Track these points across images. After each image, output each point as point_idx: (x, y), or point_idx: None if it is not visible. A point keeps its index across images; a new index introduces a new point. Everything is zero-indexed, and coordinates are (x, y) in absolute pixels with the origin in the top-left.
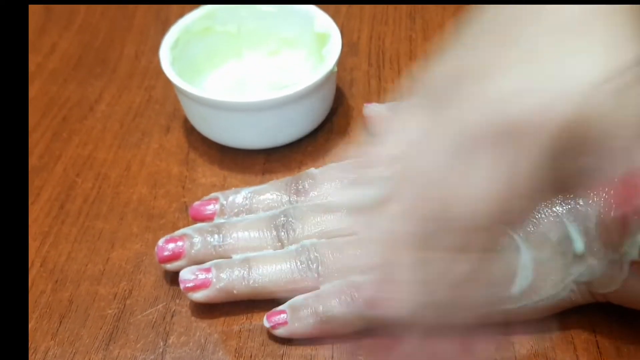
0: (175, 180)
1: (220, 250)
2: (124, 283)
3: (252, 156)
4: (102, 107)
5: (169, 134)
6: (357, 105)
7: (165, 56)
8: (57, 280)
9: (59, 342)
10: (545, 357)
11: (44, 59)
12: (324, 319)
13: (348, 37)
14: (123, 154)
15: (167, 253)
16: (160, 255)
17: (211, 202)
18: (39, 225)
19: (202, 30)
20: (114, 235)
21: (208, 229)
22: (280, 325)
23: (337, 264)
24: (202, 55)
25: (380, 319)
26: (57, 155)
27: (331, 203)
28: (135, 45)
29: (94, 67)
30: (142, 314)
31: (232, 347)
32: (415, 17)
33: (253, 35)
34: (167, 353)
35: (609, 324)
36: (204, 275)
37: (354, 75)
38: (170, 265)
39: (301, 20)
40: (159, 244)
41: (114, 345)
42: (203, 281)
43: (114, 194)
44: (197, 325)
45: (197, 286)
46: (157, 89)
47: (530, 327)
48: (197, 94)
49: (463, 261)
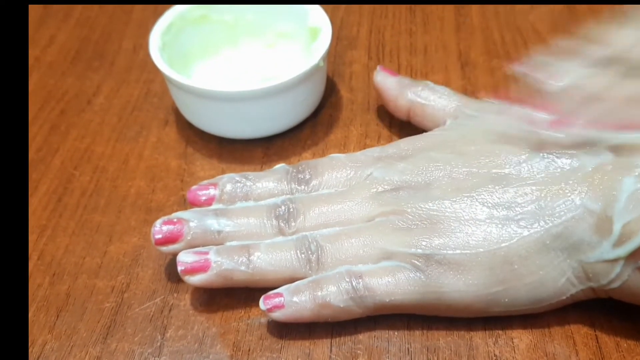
0: (173, 174)
1: (218, 236)
2: (121, 276)
3: (250, 149)
4: (100, 101)
5: (167, 128)
6: (357, 99)
7: (155, 41)
8: (55, 274)
9: (57, 335)
10: (545, 351)
11: (42, 52)
12: (322, 304)
13: (348, 31)
14: (121, 148)
15: (162, 235)
16: (156, 237)
17: (210, 187)
18: (37, 219)
19: (198, 18)
20: (112, 229)
21: (207, 213)
22: (277, 308)
23: (337, 254)
24: (196, 44)
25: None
26: (54, 149)
27: (332, 193)
28: (134, 38)
29: (92, 61)
30: (139, 308)
31: (230, 340)
32: (415, 10)
33: (250, 27)
34: (165, 347)
35: (608, 319)
36: (203, 258)
37: (353, 68)
38: (167, 248)
39: (297, 14)
40: (155, 226)
41: (112, 338)
42: (201, 264)
43: (112, 187)
44: (195, 319)
45: (195, 269)
46: (156, 82)
47: (529, 321)
48: (180, 81)
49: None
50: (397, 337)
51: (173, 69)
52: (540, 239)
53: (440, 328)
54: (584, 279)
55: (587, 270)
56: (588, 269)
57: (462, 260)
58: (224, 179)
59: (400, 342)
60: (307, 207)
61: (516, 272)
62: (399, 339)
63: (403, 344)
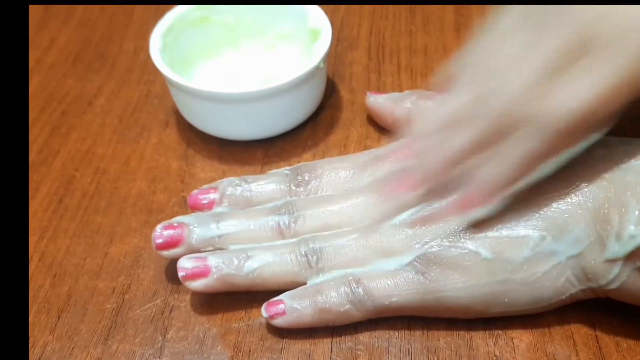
0: (174, 175)
1: (219, 240)
2: (122, 278)
3: (251, 151)
4: (101, 102)
5: (168, 129)
6: (357, 100)
7: (156, 43)
8: (56, 275)
9: (58, 336)
10: (545, 351)
11: (43, 53)
12: (322, 309)
13: (348, 31)
14: (122, 149)
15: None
16: (157, 241)
17: (210, 190)
18: (38, 220)
19: (199, 19)
20: (113, 230)
21: (207, 218)
22: (279, 315)
23: (337, 256)
24: (197, 45)
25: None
26: (55, 150)
27: (332, 196)
28: (134, 40)
29: (93, 62)
30: (140, 309)
31: (230, 341)
32: (415, 11)
33: (250, 28)
34: (166, 348)
35: (608, 319)
36: (203, 263)
37: (353, 69)
38: (167, 253)
39: (297, 15)
40: (156, 230)
41: (113, 340)
42: (202, 269)
43: (113, 188)
44: (196, 320)
45: (196, 274)
46: (156, 84)
47: (529, 322)
48: (181, 82)
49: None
50: (398, 338)
51: (174, 70)
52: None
53: (441, 328)
54: (583, 279)
55: (586, 270)
56: (587, 270)
57: (461, 260)
58: (224, 183)
59: (400, 343)
60: (306, 209)
61: (515, 272)
62: (399, 339)
63: (403, 344)
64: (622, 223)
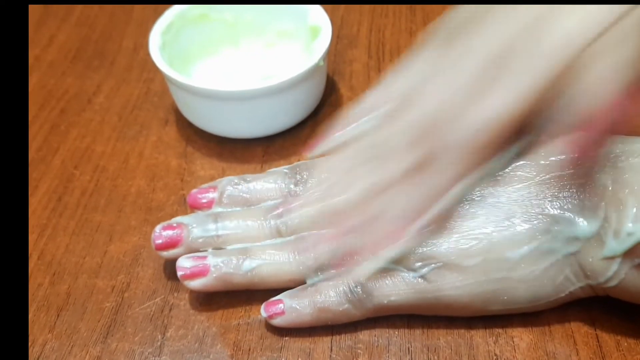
0: (173, 173)
1: (218, 240)
2: (122, 276)
3: (250, 148)
4: (101, 100)
5: (168, 127)
6: (357, 98)
7: (155, 40)
8: (55, 273)
9: (57, 335)
10: (545, 350)
11: (42, 51)
12: (321, 309)
13: (348, 29)
14: (121, 147)
15: (162, 240)
16: (157, 242)
17: (209, 190)
18: (37, 218)
19: (198, 17)
20: (112, 228)
21: (206, 218)
22: (278, 315)
23: (335, 254)
24: (196, 43)
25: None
26: (55, 148)
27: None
28: (134, 38)
29: (92, 60)
30: (140, 307)
31: (230, 340)
32: (415, 9)
33: (250, 26)
34: (165, 346)
35: (608, 317)
36: (202, 262)
37: (353, 67)
38: (167, 253)
39: (297, 13)
40: (155, 231)
41: (112, 338)
42: (201, 269)
43: (112, 186)
44: (195, 319)
45: (195, 274)
46: (156, 81)
47: (530, 320)
48: (180, 80)
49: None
50: (398, 336)
51: (173, 68)
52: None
53: (441, 327)
54: (582, 276)
55: (584, 268)
56: (586, 267)
57: (459, 259)
58: (223, 182)
59: (400, 341)
60: (304, 208)
61: (513, 269)
62: (399, 338)
63: (403, 343)
64: (620, 220)
